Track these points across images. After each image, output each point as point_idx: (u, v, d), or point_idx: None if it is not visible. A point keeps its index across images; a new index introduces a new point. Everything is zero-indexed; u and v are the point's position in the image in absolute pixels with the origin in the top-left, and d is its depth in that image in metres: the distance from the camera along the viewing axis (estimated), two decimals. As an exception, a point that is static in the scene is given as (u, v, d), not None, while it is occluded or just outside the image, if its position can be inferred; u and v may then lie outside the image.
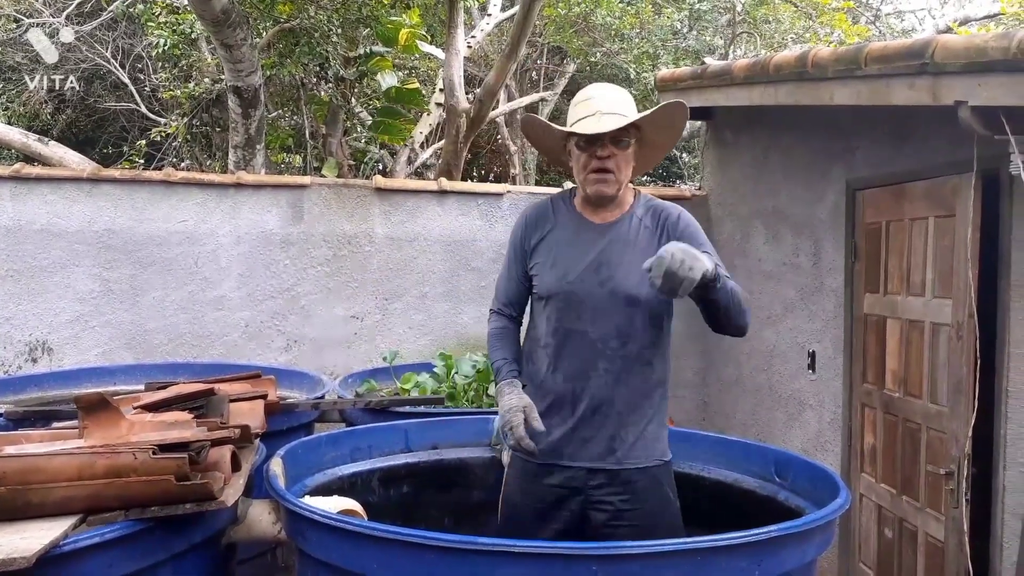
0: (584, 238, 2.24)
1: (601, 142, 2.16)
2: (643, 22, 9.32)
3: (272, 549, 3.18)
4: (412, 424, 2.91)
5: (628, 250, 2.19)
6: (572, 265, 2.22)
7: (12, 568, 1.53)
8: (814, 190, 3.97)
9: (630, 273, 2.15)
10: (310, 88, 7.24)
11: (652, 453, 2.21)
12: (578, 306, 2.19)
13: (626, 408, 2.18)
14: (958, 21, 9.73)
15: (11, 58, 9.14)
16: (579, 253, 2.22)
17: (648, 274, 1.91)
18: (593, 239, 2.23)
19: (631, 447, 2.19)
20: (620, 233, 2.22)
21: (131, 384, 3.85)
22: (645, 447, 2.20)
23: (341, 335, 4.79)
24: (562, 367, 2.22)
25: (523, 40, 6.37)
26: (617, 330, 2.17)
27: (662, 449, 2.25)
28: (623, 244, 2.20)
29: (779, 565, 1.82)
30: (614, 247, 2.20)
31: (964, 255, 2.78)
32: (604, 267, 2.19)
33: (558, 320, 2.22)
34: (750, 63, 3.77)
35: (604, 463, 2.18)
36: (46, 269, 4.41)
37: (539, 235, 2.30)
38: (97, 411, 2.04)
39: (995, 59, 2.34)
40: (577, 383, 2.20)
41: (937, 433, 3.03)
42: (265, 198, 4.69)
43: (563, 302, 2.21)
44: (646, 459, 2.20)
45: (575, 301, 2.20)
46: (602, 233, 2.23)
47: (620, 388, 2.17)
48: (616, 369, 2.17)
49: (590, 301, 2.18)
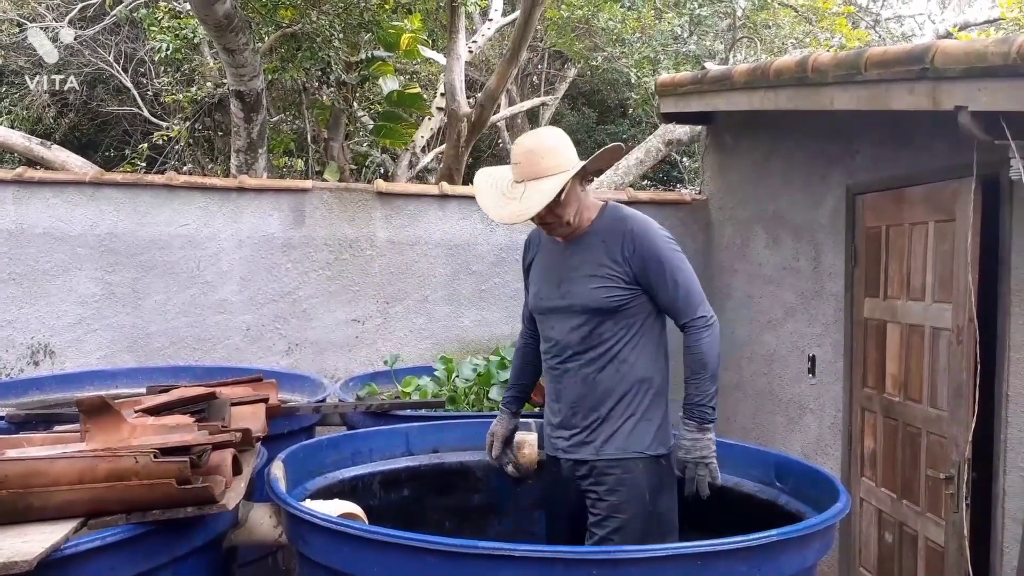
0: (552, 259, 2.47)
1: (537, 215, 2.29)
2: (644, 27, 9.33)
3: (273, 553, 3.17)
4: (413, 427, 2.92)
5: (583, 265, 2.36)
6: (543, 284, 2.48)
7: (13, 571, 1.54)
8: (814, 194, 3.98)
9: (584, 290, 2.34)
10: (312, 92, 7.26)
11: (630, 446, 2.33)
12: (549, 318, 2.45)
13: (598, 404, 2.35)
14: (958, 26, 9.73)
15: (14, 62, 9.17)
16: (548, 273, 2.47)
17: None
18: (556, 259, 2.45)
19: (607, 440, 2.34)
20: (578, 249, 2.39)
21: (133, 387, 3.85)
22: (623, 440, 2.33)
23: (342, 339, 4.80)
24: (548, 371, 2.51)
25: (524, 45, 6.38)
26: (579, 337, 2.36)
27: (646, 443, 2.35)
28: (579, 260, 2.38)
29: (779, 569, 1.82)
30: (572, 263, 2.39)
31: (964, 259, 2.78)
32: (564, 283, 2.40)
33: (542, 331, 2.52)
34: (750, 68, 3.78)
35: (583, 454, 2.37)
36: (48, 272, 4.42)
37: (530, 258, 2.59)
38: (99, 414, 2.04)
39: (995, 64, 2.34)
40: (557, 384, 2.45)
41: (937, 437, 3.03)
42: (267, 202, 4.70)
43: (540, 315, 2.50)
44: (623, 452, 2.33)
45: (547, 314, 2.46)
46: (563, 253, 2.43)
47: (591, 386, 2.36)
48: (585, 370, 2.36)
49: (556, 313, 2.42)
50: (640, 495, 2.31)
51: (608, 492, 2.31)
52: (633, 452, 2.33)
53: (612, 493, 2.31)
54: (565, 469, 2.43)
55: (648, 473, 2.33)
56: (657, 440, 2.37)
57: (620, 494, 2.30)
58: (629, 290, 2.31)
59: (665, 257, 2.31)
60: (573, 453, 2.39)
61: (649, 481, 2.33)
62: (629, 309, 2.32)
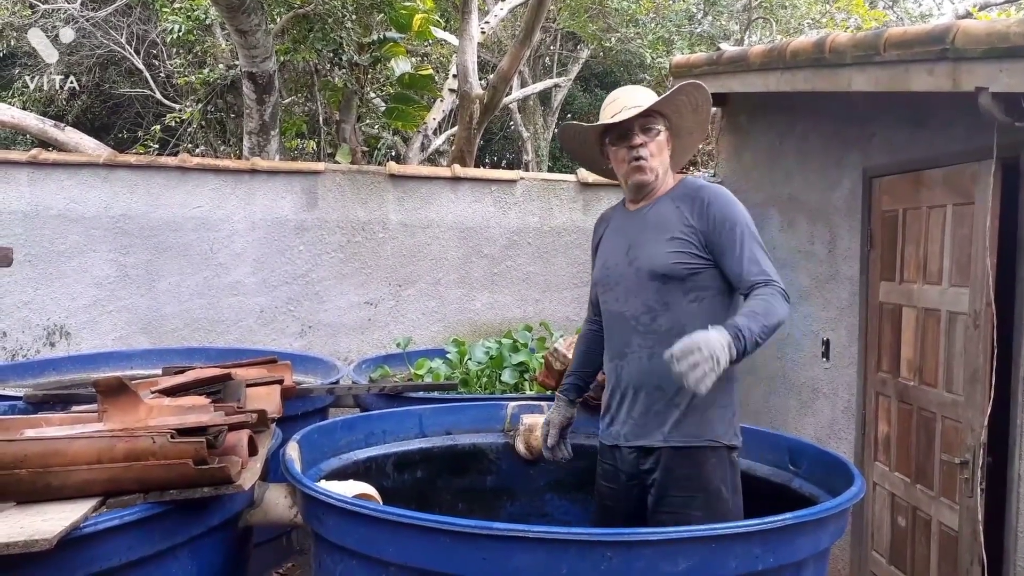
0: (622, 227, 2.37)
1: (631, 133, 2.24)
2: (658, 7, 9.25)
3: (288, 532, 3.21)
4: (426, 409, 2.93)
5: (655, 230, 2.25)
6: (611, 253, 2.37)
7: (34, 550, 1.55)
8: (830, 177, 3.94)
9: (655, 252, 2.22)
10: (324, 74, 7.24)
11: (703, 434, 2.17)
12: (614, 288, 2.32)
13: (664, 383, 2.16)
14: (977, 6, 9.59)
15: (27, 44, 9.18)
16: (617, 241, 2.36)
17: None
18: (627, 226, 2.35)
19: (675, 425, 2.18)
20: (650, 215, 2.29)
21: (148, 368, 3.89)
22: (695, 427, 2.17)
23: (355, 321, 4.81)
24: (609, 349, 2.37)
25: (537, 26, 6.34)
26: (646, 306, 2.23)
27: (719, 432, 2.18)
28: (651, 225, 2.27)
29: (793, 553, 1.82)
30: (643, 228, 2.28)
31: (982, 243, 2.75)
32: (632, 248, 2.28)
33: (604, 304, 2.39)
34: (766, 49, 3.74)
35: (648, 440, 2.21)
36: (63, 254, 4.45)
37: (598, 236, 2.49)
38: (116, 395, 2.06)
39: (1017, 44, 2.31)
40: (618, 362, 2.31)
41: (952, 422, 3.02)
42: (279, 184, 4.71)
43: (603, 287, 2.38)
44: (695, 438, 2.16)
45: (612, 284, 2.33)
46: (635, 218, 2.33)
47: (654, 365, 2.16)
48: (649, 344, 2.21)
49: (623, 282, 2.29)
50: (715, 490, 2.14)
51: (677, 486, 2.15)
52: (707, 440, 2.16)
53: (681, 487, 2.14)
54: (627, 461, 2.27)
55: (721, 466, 2.17)
56: (732, 429, 2.21)
57: (690, 488, 2.14)
58: (700, 259, 2.18)
59: (738, 220, 2.18)
60: (635, 439, 2.23)
61: (722, 475, 2.17)
62: (699, 279, 2.18)
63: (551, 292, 5.08)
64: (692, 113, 2.32)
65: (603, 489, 2.39)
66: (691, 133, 2.38)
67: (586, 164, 2.58)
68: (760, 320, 2.02)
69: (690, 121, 2.34)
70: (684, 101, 2.29)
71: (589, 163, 2.53)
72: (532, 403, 3.02)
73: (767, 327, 2.02)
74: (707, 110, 2.34)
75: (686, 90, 2.27)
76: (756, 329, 1.99)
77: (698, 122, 2.35)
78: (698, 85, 2.28)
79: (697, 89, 2.28)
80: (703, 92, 2.29)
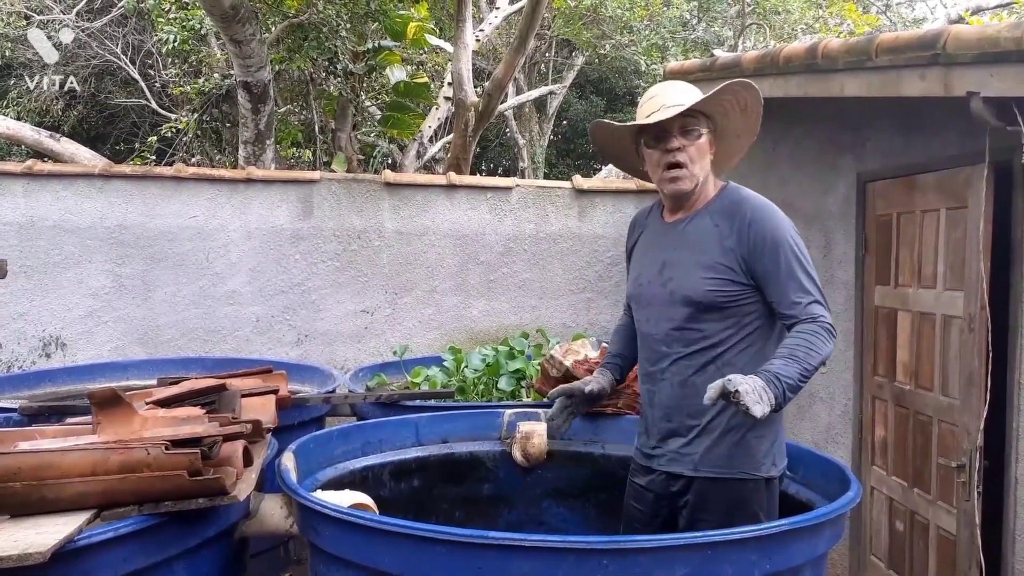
0: (658, 240, 2.20)
1: (669, 135, 2.06)
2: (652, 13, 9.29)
3: (284, 543, 3.19)
4: (422, 418, 2.92)
5: (691, 250, 2.08)
6: (644, 269, 2.21)
7: (28, 563, 1.55)
8: (824, 182, 3.95)
9: (691, 277, 2.05)
10: (319, 83, 7.26)
11: (736, 465, 2.05)
12: (646, 308, 2.19)
13: (697, 411, 2.05)
14: (970, 10, 9.63)
15: (22, 55, 9.19)
16: (651, 256, 2.20)
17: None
18: (663, 240, 2.18)
19: (704, 454, 2.06)
20: (688, 232, 2.11)
21: (143, 379, 3.87)
22: (726, 457, 2.05)
23: (351, 329, 4.81)
24: (642, 370, 2.25)
25: (532, 33, 6.35)
26: (680, 332, 2.08)
27: (755, 463, 2.06)
28: (688, 244, 2.10)
29: (790, 559, 1.81)
30: (678, 246, 2.12)
31: (976, 247, 2.76)
32: (667, 268, 2.12)
33: (637, 323, 2.26)
34: (759, 55, 3.75)
35: (678, 468, 2.11)
36: (59, 265, 4.45)
37: (633, 240, 2.33)
38: (110, 407, 2.05)
39: (1008, 50, 2.32)
40: (650, 386, 2.19)
41: (949, 426, 3.02)
42: (275, 193, 4.71)
43: (637, 305, 2.24)
44: (726, 471, 2.05)
45: (644, 303, 2.20)
46: (671, 233, 2.16)
47: (687, 392, 2.06)
48: (682, 371, 2.08)
49: (655, 303, 2.15)
50: (751, 515, 2.02)
51: (708, 510, 2.04)
52: (741, 473, 2.04)
53: (713, 511, 2.03)
54: (657, 482, 2.17)
55: (757, 494, 2.05)
56: (769, 459, 2.08)
57: (723, 513, 2.02)
58: (740, 285, 2.01)
59: (782, 243, 1.98)
60: (666, 466, 2.13)
61: (759, 502, 2.05)
62: (740, 307, 2.03)
63: (547, 299, 5.08)
64: (741, 115, 2.12)
65: (633, 512, 2.27)
66: (739, 136, 2.18)
67: (618, 163, 2.39)
68: (797, 366, 1.87)
69: (738, 123, 2.14)
70: (731, 101, 2.08)
71: (619, 160, 2.35)
72: (529, 410, 3.01)
73: (807, 371, 1.88)
74: (757, 111, 2.13)
75: (733, 88, 2.06)
76: (794, 375, 1.86)
77: (747, 125, 2.15)
78: (747, 84, 2.07)
79: (746, 88, 2.08)
80: (753, 92, 2.09)
